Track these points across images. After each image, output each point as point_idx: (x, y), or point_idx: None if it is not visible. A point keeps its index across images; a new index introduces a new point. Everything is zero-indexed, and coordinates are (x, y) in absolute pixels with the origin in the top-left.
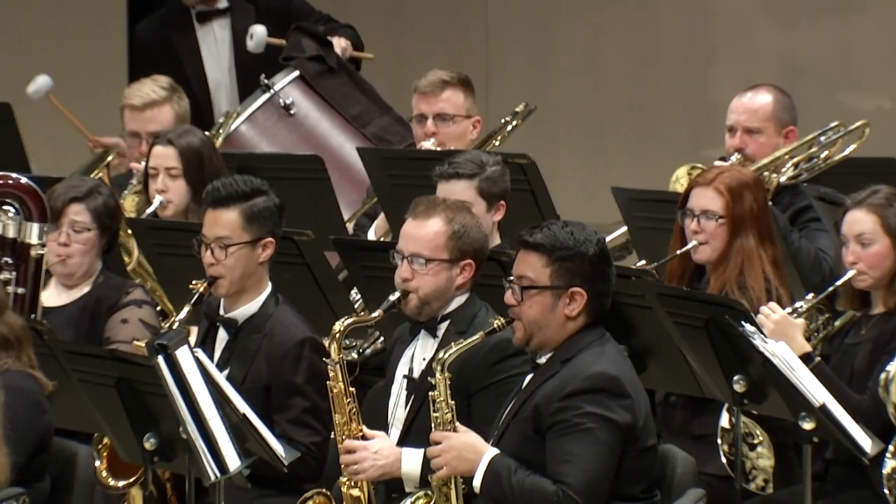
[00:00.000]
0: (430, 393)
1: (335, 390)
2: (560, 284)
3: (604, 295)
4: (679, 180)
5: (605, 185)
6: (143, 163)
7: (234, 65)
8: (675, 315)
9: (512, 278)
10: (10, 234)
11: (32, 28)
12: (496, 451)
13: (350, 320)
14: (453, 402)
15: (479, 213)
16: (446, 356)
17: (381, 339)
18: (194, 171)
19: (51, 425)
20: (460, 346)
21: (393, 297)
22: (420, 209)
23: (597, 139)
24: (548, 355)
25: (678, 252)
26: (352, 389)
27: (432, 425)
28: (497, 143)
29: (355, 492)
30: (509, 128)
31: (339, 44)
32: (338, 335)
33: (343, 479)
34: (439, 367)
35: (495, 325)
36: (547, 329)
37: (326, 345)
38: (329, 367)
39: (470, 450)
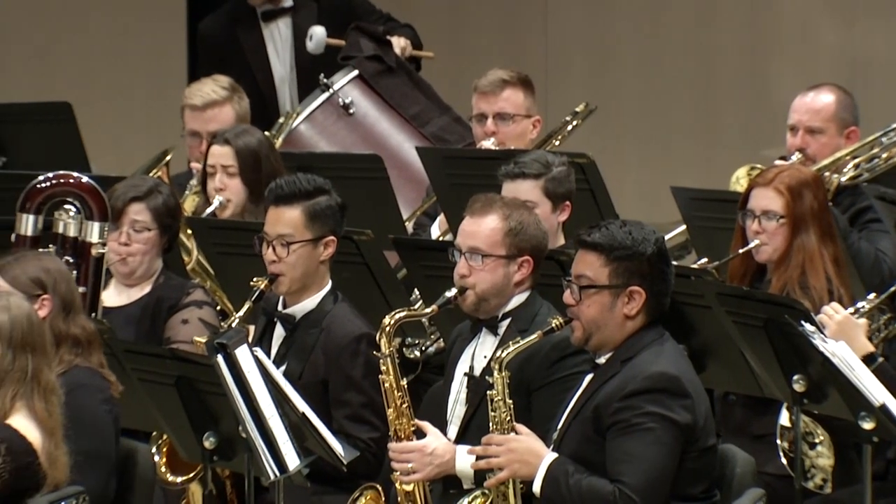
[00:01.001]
0: (489, 392)
1: (386, 384)
2: (618, 284)
3: (662, 294)
4: (739, 181)
5: (664, 185)
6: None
7: (295, 63)
8: (734, 314)
9: (571, 278)
10: (71, 232)
11: (93, 28)
12: (555, 455)
13: (401, 314)
14: (511, 402)
15: (544, 213)
16: (504, 355)
17: (442, 337)
18: (250, 170)
19: (119, 421)
20: (518, 345)
21: (449, 294)
22: (477, 206)
23: (657, 138)
24: (607, 355)
25: (740, 251)
26: (403, 383)
27: (490, 425)
28: (557, 143)
29: (408, 487)
30: (569, 127)
31: (399, 43)
32: (388, 328)
33: (396, 475)
34: (497, 366)
35: (553, 325)
36: (606, 328)
37: (377, 338)
38: (380, 360)
39: (530, 454)
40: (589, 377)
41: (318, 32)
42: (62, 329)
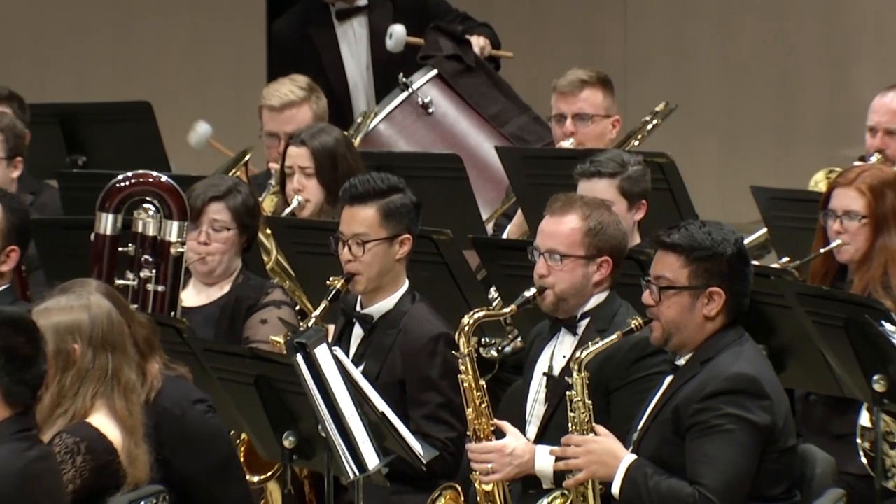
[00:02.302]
0: (568, 393)
1: (465, 384)
2: (698, 285)
3: (742, 295)
4: (818, 184)
5: (744, 185)
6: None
7: (371, 63)
8: (814, 314)
9: (650, 278)
10: (150, 231)
11: (172, 28)
12: (634, 456)
13: (480, 314)
14: (591, 402)
15: (619, 212)
16: (584, 356)
17: (520, 337)
18: (327, 170)
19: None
20: (598, 345)
21: (528, 293)
22: (557, 205)
23: (736, 138)
24: (687, 356)
25: (821, 251)
26: (482, 383)
27: (569, 425)
28: (636, 143)
29: (487, 486)
30: (649, 127)
31: (478, 42)
32: (466, 328)
33: (475, 474)
34: (577, 367)
35: (633, 325)
36: (685, 329)
37: (455, 338)
38: (459, 360)
39: (609, 455)
40: (669, 378)
41: (397, 31)
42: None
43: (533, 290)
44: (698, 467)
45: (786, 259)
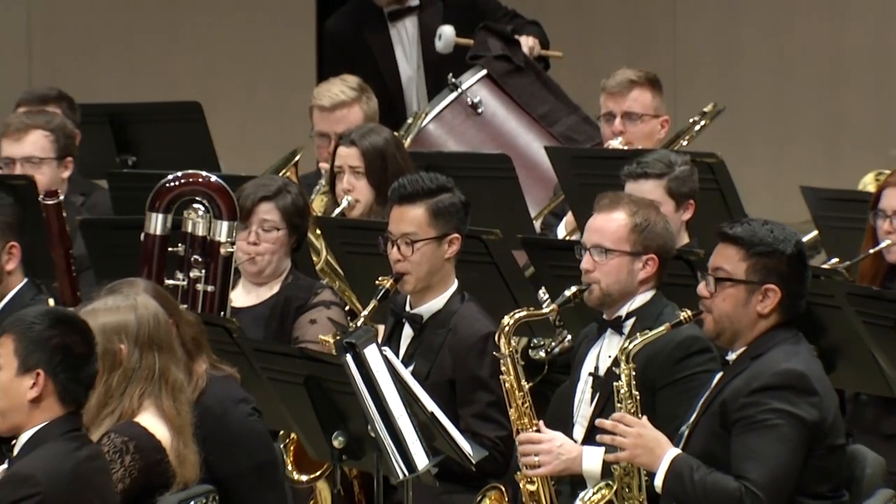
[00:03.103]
0: (615, 384)
1: (507, 384)
2: (755, 280)
3: (798, 296)
4: (866, 187)
5: (793, 185)
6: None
7: (422, 62)
8: (864, 314)
9: (708, 270)
10: (200, 231)
11: (222, 27)
12: (678, 450)
13: (521, 314)
14: (637, 394)
15: (667, 212)
16: (632, 346)
17: (569, 337)
18: (377, 170)
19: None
20: (646, 336)
21: (568, 292)
22: (605, 202)
23: (785, 138)
24: (738, 352)
25: (870, 251)
26: (525, 384)
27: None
28: (685, 143)
29: (532, 486)
30: (697, 127)
31: (527, 42)
32: (507, 328)
33: (521, 474)
34: (624, 358)
35: (682, 318)
36: (738, 324)
37: (495, 338)
38: (500, 361)
39: (657, 444)
40: (719, 374)
41: (446, 32)
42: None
43: (574, 289)
44: (744, 462)
45: (835, 259)
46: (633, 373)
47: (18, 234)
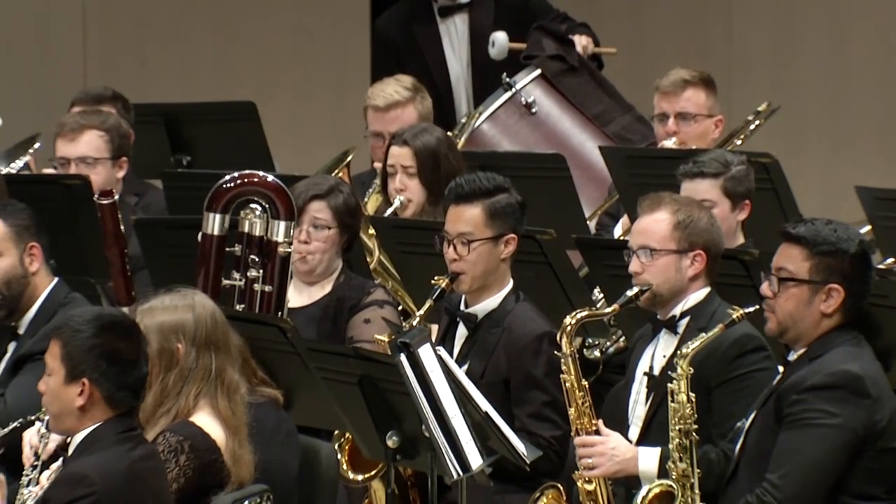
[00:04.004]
0: (669, 385)
1: (567, 384)
2: (818, 280)
3: (861, 296)
4: None
5: (848, 184)
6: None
7: (471, 61)
8: None
9: (771, 270)
10: (257, 232)
11: (276, 28)
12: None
13: (583, 314)
14: (694, 395)
15: (723, 212)
16: (688, 350)
17: (624, 337)
18: (429, 170)
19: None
20: (701, 339)
21: (630, 293)
22: (646, 204)
23: (840, 137)
24: (800, 352)
25: None
26: (585, 383)
27: (670, 418)
28: (739, 143)
29: (590, 486)
30: (752, 127)
31: (581, 41)
32: (569, 328)
33: (578, 473)
34: (681, 362)
35: (734, 317)
36: (801, 323)
37: (557, 338)
38: (561, 360)
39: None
40: (780, 374)
41: (500, 39)
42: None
43: (636, 289)
44: (780, 457)
45: (891, 260)
46: (689, 375)
47: (37, 234)
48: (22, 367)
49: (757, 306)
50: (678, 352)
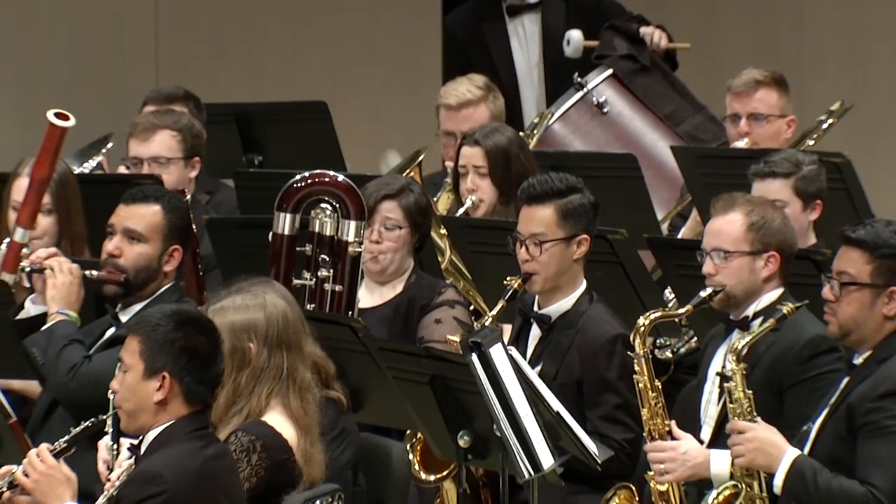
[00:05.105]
0: (726, 385)
1: (640, 384)
2: (880, 283)
3: None
4: None
5: None
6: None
7: (542, 60)
8: None
9: (831, 273)
10: (328, 231)
11: (347, 27)
12: (798, 451)
13: (656, 314)
14: (751, 392)
15: (794, 212)
16: (740, 346)
17: (696, 338)
18: (500, 170)
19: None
20: (753, 334)
21: (703, 294)
22: (720, 205)
23: None
24: (865, 355)
25: None
26: (658, 384)
27: (729, 416)
28: (811, 143)
29: (662, 486)
30: (824, 126)
31: (653, 35)
32: (642, 329)
33: (650, 474)
34: (735, 358)
35: (784, 311)
36: (864, 327)
37: (630, 338)
38: (634, 361)
39: (772, 446)
40: (846, 378)
41: (575, 37)
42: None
43: (709, 290)
44: (868, 468)
45: None
46: (744, 372)
47: (184, 238)
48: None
49: (807, 300)
50: (729, 351)
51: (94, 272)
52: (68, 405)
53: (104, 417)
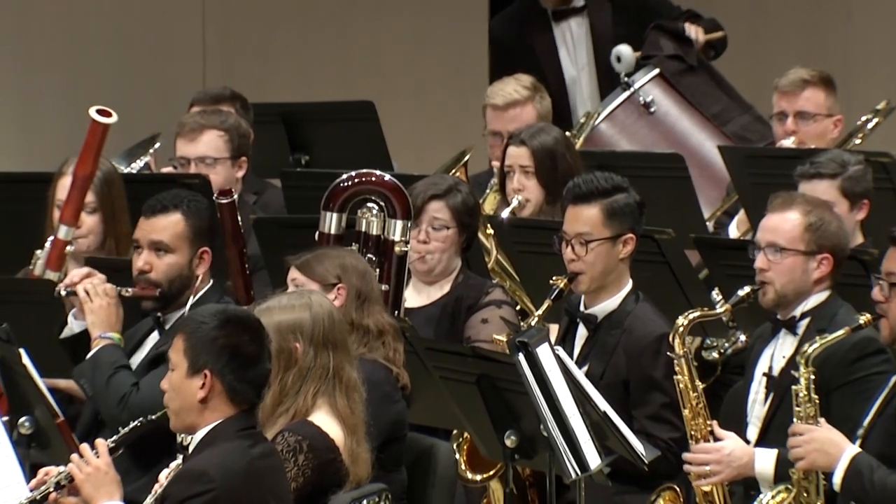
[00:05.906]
0: (793, 388)
1: (681, 385)
2: None
3: None
4: None
5: None
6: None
7: (591, 62)
8: None
9: (881, 274)
10: (374, 231)
11: (394, 27)
12: (857, 448)
13: (695, 314)
14: (817, 397)
15: (841, 212)
16: (811, 350)
17: (742, 338)
18: (546, 170)
19: (403, 416)
20: (825, 339)
21: (742, 292)
22: (778, 202)
23: None
24: None
25: None
26: (699, 384)
27: (794, 419)
28: (858, 142)
29: (706, 487)
30: (870, 125)
31: (692, 31)
32: (681, 329)
33: (695, 476)
34: (804, 362)
35: (861, 321)
36: None
37: (670, 339)
38: (675, 361)
39: (831, 445)
40: (895, 377)
41: (625, 53)
42: (354, 318)
43: (748, 289)
44: None
45: None
46: (812, 376)
47: (211, 238)
48: (160, 363)
49: (879, 315)
50: (798, 354)
51: (129, 290)
52: None
53: (153, 417)
